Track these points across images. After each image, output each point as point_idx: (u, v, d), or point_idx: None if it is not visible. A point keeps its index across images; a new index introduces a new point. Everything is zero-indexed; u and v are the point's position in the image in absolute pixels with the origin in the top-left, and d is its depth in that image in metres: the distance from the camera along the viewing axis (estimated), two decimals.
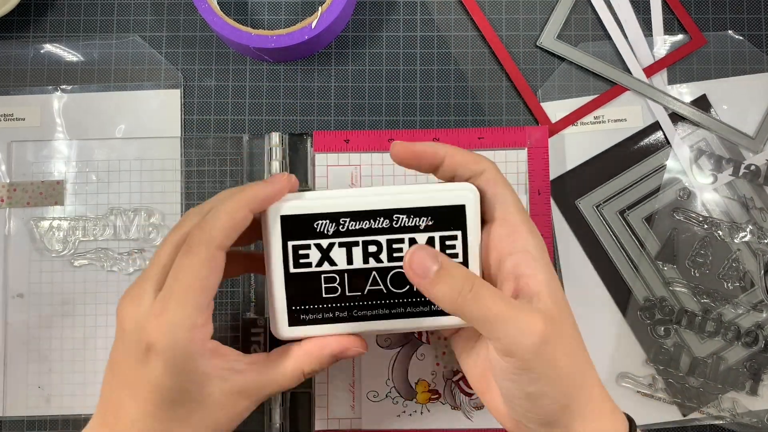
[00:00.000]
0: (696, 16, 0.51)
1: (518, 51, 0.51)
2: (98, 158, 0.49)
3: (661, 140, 0.50)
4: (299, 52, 0.49)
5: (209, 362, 0.34)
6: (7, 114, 0.49)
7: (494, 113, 0.50)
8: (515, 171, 0.49)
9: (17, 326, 0.48)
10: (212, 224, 0.34)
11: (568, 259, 0.49)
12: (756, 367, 0.48)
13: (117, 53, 0.50)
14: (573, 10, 0.51)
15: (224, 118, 0.50)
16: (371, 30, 0.51)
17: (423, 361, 0.47)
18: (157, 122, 0.49)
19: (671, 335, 0.48)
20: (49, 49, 0.50)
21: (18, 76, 0.50)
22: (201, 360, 0.34)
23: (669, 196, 0.49)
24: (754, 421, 0.47)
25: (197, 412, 0.34)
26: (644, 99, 0.50)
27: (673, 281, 0.48)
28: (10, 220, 0.49)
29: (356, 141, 0.49)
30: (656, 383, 0.48)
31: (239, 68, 0.50)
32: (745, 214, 0.49)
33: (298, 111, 0.50)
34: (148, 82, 0.50)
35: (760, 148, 0.49)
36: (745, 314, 0.48)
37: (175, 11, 0.51)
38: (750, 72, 0.50)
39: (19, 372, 0.48)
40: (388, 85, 0.50)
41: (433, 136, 0.49)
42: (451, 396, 0.47)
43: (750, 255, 0.49)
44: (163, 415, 0.34)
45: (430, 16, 0.51)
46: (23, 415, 0.47)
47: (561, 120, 0.50)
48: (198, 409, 0.34)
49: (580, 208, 0.49)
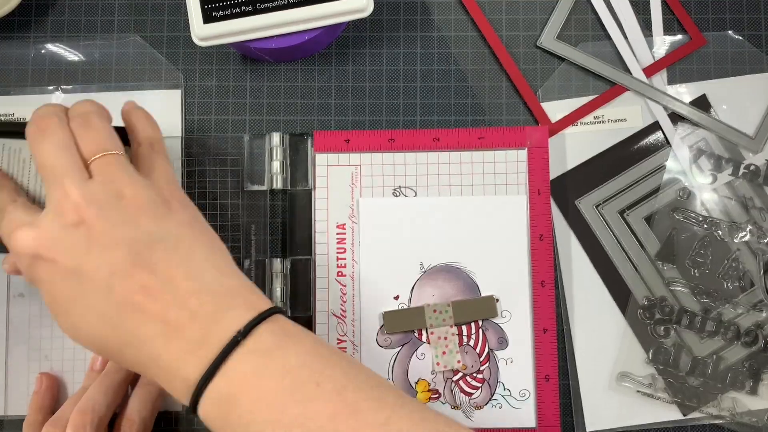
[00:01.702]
0: (696, 17, 0.51)
1: (518, 51, 0.51)
2: None
3: (660, 140, 0.50)
4: (300, 52, 0.49)
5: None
6: (8, 114, 0.50)
7: (494, 113, 0.50)
8: (515, 171, 0.49)
9: (18, 325, 0.48)
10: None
11: (568, 259, 0.49)
12: (756, 367, 0.48)
13: (118, 53, 0.50)
14: (573, 11, 0.51)
15: (225, 118, 0.50)
16: (371, 30, 0.51)
17: (423, 361, 0.48)
18: (158, 122, 0.49)
19: (671, 335, 0.48)
20: (50, 49, 0.50)
21: (19, 76, 0.50)
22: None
23: (669, 196, 0.49)
24: (754, 420, 0.47)
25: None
26: (644, 99, 0.50)
27: (673, 281, 0.49)
28: None
29: (356, 141, 0.49)
30: (656, 383, 0.48)
31: (240, 68, 0.51)
32: (745, 214, 0.49)
33: (299, 111, 0.50)
34: (149, 83, 0.50)
35: (759, 147, 0.49)
36: (745, 314, 0.48)
37: (176, 11, 0.51)
38: (750, 72, 0.50)
39: (21, 371, 0.48)
40: (388, 85, 0.50)
41: (434, 136, 0.49)
42: (451, 395, 0.47)
43: (750, 255, 0.49)
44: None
45: (430, 16, 0.51)
46: (24, 415, 0.47)
47: (561, 120, 0.50)
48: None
49: (580, 208, 0.49)
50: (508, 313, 0.48)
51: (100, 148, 0.38)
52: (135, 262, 0.35)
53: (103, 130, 0.38)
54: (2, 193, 0.40)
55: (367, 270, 0.48)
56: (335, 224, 0.48)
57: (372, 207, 0.48)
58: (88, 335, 0.36)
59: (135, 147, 0.41)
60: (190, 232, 0.37)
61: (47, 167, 0.37)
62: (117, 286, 0.35)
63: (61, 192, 0.36)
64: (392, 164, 0.49)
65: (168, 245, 0.36)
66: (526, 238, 0.48)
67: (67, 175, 0.36)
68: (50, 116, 0.38)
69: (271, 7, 0.44)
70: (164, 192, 0.38)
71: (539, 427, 0.47)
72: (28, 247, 0.36)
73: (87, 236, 0.35)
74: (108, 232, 0.35)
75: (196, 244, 0.37)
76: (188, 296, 0.35)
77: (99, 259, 0.35)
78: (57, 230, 0.36)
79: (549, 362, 0.47)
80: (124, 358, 0.36)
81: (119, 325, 0.35)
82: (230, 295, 0.36)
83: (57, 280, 0.36)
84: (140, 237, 0.35)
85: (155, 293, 0.35)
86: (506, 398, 0.47)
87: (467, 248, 0.48)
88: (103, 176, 0.37)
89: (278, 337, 0.35)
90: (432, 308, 0.47)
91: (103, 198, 0.36)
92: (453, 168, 0.49)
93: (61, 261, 0.35)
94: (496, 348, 0.48)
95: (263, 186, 0.49)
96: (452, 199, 0.49)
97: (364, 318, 0.48)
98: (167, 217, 0.37)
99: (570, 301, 0.49)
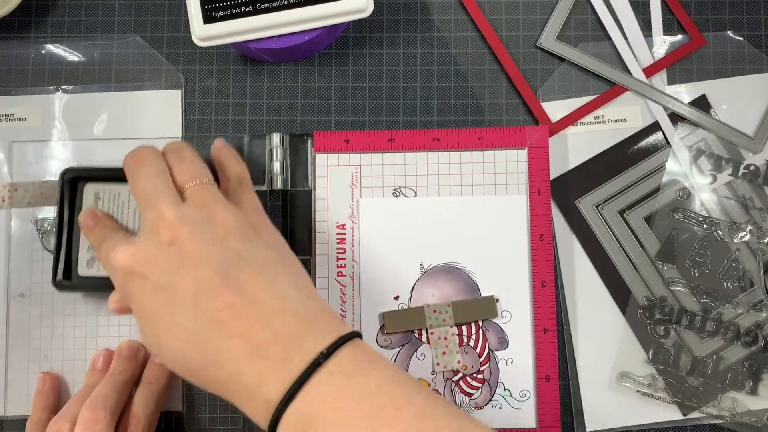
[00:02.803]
0: (695, 17, 0.51)
1: (518, 51, 0.51)
2: (99, 159, 0.49)
3: (660, 140, 0.50)
4: (300, 53, 0.49)
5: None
6: (8, 114, 0.50)
7: (494, 113, 0.50)
8: (515, 171, 0.49)
9: (18, 326, 0.48)
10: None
11: (568, 260, 0.49)
12: (756, 367, 0.48)
13: (118, 54, 0.50)
14: (573, 11, 0.51)
15: (225, 118, 0.50)
16: (371, 30, 0.51)
17: (423, 361, 0.48)
18: (158, 123, 0.50)
19: (671, 335, 0.48)
20: (50, 49, 0.50)
21: (19, 76, 0.50)
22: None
23: (669, 196, 0.49)
24: (754, 420, 0.47)
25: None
26: (644, 99, 0.50)
27: (672, 281, 0.49)
28: (11, 220, 0.49)
29: (356, 141, 0.49)
30: (656, 383, 0.48)
31: (240, 68, 0.51)
32: (745, 214, 0.49)
33: (299, 111, 0.50)
34: (149, 83, 0.50)
35: (759, 148, 0.49)
36: (745, 314, 0.48)
37: (176, 12, 0.51)
38: (749, 72, 0.50)
39: (21, 372, 0.48)
40: (388, 85, 0.50)
41: (433, 137, 0.49)
42: (451, 396, 0.47)
43: (749, 255, 0.49)
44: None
45: (430, 17, 0.51)
46: (24, 415, 0.47)
47: (561, 120, 0.50)
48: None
49: (580, 208, 0.49)
50: (508, 314, 0.48)
51: (193, 176, 0.39)
52: (223, 281, 0.36)
53: (196, 162, 0.41)
54: (105, 228, 0.43)
55: (367, 270, 0.48)
56: (335, 224, 0.48)
57: (372, 207, 0.48)
58: (173, 351, 0.37)
59: (224, 182, 0.43)
60: (276, 255, 0.38)
61: (143, 192, 0.39)
62: (204, 303, 0.35)
63: (156, 213, 0.37)
64: (392, 164, 0.49)
65: (254, 266, 0.37)
66: (526, 238, 0.48)
67: (162, 198, 0.38)
68: (146, 149, 0.41)
69: (271, 7, 0.45)
70: (252, 219, 0.40)
71: (539, 428, 0.47)
72: (123, 261, 0.37)
73: (179, 254, 0.36)
74: (198, 251, 0.36)
75: (281, 267, 0.38)
76: (273, 316, 0.35)
77: (188, 276, 0.36)
78: (151, 248, 0.37)
79: (549, 362, 0.47)
80: (207, 377, 0.36)
81: (204, 342, 0.35)
82: (313, 317, 0.36)
83: (147, 295, 0.37)
84: (229, 257, 0.36)
85: (240, 312, 0.35)
86: (506, 398, 0.47)
87: (467, 248, 0.48)
88: (196, 201, 0.38)
89: (359, 361, 0.35)
90: (432, 308, 0.47)
91: (195, 219, 0.37)
92: (453, 168, 0.49)
93: (153, 277, 0.36)
94: (496, 348, 0.48)
95: (263, 186, 0.49)
96: (452, 200, 0.49)
97: (364, 318, 0.48)
98: (255, 241, 0.38)
99: (570, 301, 0.49)
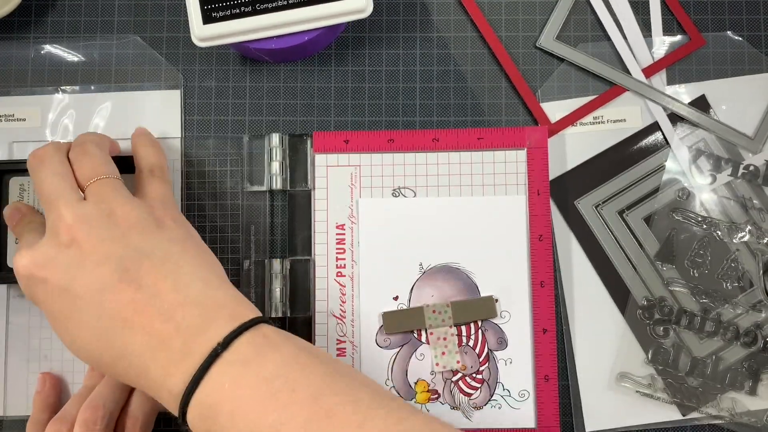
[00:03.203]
0: (695, 17, 0.51)
1: (518, 52, 0.51)
2: None
3: (660, 141, 0.50)
4: (299, 53, 0.49)
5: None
6: (7, 114, 0.50)
7: (494, 114, 0.50)
8: (514, 171, 0.49)
9: (18, 326, 0.48)
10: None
11: (567, 260, 0.49)
12: (755, 367, 0.48)
13: (117, 54, 0.50)
14: (572, 11, 0.51)
15: (224, 118, 0.50)
16: (371, 31, 0.51)
17: (422, 361, 0.48)
18: (157, 123, 0.50)
19: (670, 335, 0.48)
20: (49, 49, 0.50)
21: (19, 76, 0.50)
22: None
23: (668, 197, 0.49)
24: (753, 420, 0.47)
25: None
26: (643, 99, 0.50)
27: (672, 281, 0.49)
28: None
29: (356, 141, 0.49)
30: (656, 383, 0.48)
31: (239, 69, 0.51)
32: (744, 215, 0.49)
33: (298, 111, 0.50)
34: (149, 83, 0.50)
35: (758, 148, 0.49)
36: (744, 314, 0.48)
37: (176, 12, 0.51)
38: (749, 72, 0.50)
39: (20, 372, 0.48)
40: (387, 85, 0.50)
41: (433, 137, 0.49)
42: (450, 396, 0.47)
43: (749, 255, 0.49)
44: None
45: (429, 17, 0.51)
46: (24, 415, 0.47)
47: (560, 120, 0.50)
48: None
49: (580, 208, 0.49)
50: (508, 314, 0.48)
51: (95, 173, 0.39)
52: (122, 278, 0.36)
53: (98, 157, 0.40)
54: (26, 226, 0.43)
55: (366, 270, 0.48)
56: (335, 225, 0.48)
57: (371, 207, 0.49)
58: (85, 350, 0.37)
59: (136, 174, 0.43)
60: (179, 247, 0.38)
61: (44, 194, 0.39)
62: (106, 302, 0.36)
63: (56, 214, 0.37)
64: (392, 165, 0.49)
65: (155, 260, 0.37)
66: (525, 238, 0.48)
67: (62, 198, 0.38)
68: (47, 147, 0.41)
69: (270, 7, 0.45)
70: (156, 211, 0.39)
71: (539, 428, 0.47)
72: (24, 267, 0.37)
73: (78, 255, 0.36)
74: (97, 250, 0.36)
75: (184, 259, 0.38)
76: (174, 309, 0.35)
77: (89, 276, 0.36)
78: (51, 250, 0.37)
79: (548, 362, 0.47)
80: (117, 372, 0.37)
81: (111, 340, 0.36)
82: (216, 307, 0.36)
83: (52, 298, 0.37)
84: (128, 253, 0.36)
85: (142, 307, 0.35)
86: (506, 399, 0.47)
87: (466, 248, 0.48)
88: (96, 197, 0.38)
89: (257, 347, 0.35)
90: (431, 308, 0.47)
91: (94, 217, 0.37)
92: (452, 168, 0.49)
93: (54, 280, 0.36)
94: (495, 348, 0.48)
95: (263, 187, 0.49)
96: (451, 200, 0.49)
97: (363, 318, 0.48)
98: (157, 234, 0.38)
99: (569, 301, 0.49)
